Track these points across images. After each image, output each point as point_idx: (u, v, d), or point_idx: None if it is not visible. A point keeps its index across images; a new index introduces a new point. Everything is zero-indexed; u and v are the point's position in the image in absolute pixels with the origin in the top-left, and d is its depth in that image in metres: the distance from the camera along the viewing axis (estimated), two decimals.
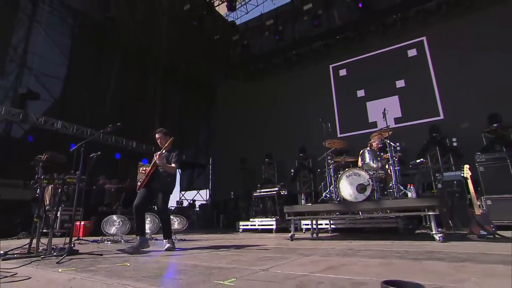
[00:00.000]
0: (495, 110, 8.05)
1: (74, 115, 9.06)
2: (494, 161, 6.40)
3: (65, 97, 9.20)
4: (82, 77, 9.64)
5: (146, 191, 3.94)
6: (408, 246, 3.44)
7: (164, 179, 3.95)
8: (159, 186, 3.92)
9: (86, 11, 9.90)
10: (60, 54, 9.22)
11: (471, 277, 1.73)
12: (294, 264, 2.40)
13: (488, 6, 8.97)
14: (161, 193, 3.93)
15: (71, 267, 2.49)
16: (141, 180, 4.03)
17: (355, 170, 4.66)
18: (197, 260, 2.73)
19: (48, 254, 3.21)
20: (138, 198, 3.91)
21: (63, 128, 8.54)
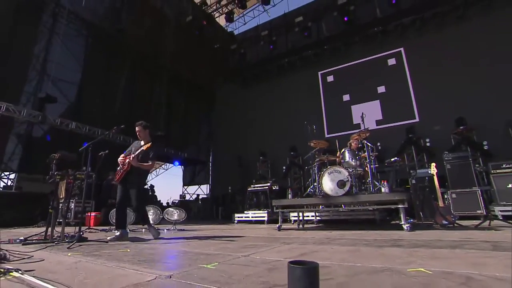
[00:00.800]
0: (462, 114, 8.19)
1: (87, 117, 9.13)
2: (459, 160, 6.55)
3: (79, 101, 9.26)
4: (94, 82, 9.70)
5: (124, 186, 3.81)
6: (379, 235, 3.55)
7: (135, 175, 3.79)
8: (132, 182, 3.77)
9: (99, 24, 9.95)
10: (75, 61, 9.28)
11: (417, 260, 1.85)
12: (274, 251, 2.50)
13: (457, 23, 9.10)
14: (135, 189, 3.77)
15: (79, 252, 2.59)
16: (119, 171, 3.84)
17: (336, 168, 4.76)
18: (189, 247, 2.83)
19: (61, 240, 3.31)
20: (118, 195, 3.80)
21: (77, 129, 8.60)
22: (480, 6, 8.83)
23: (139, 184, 3.90)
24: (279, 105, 12.24)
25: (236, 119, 13.43)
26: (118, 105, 10.56)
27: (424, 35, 9.56)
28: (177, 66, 12.42)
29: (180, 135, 12.95)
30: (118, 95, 10.62)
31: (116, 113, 10.35)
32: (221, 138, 14.07)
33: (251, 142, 12.45)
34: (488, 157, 7.49)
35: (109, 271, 1.75)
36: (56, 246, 3.05)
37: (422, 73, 9.36)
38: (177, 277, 1.54)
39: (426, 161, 8.45)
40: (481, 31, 8.65)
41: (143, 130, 4.00)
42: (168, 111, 12.25)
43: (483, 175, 6.65)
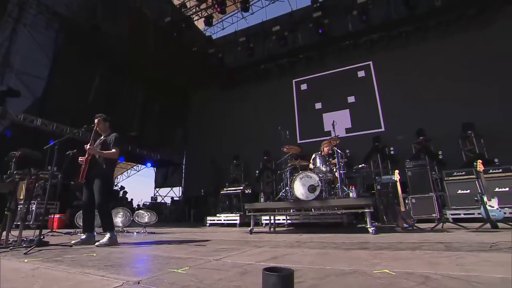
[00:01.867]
0: (422, 125, 8.78)
1: (54, 114, 8.54)
2: (418, 167, 6.96)
3: (47, 97, 8.62)
4: (64, 79, 9.08)
5: (89, 186, 3.47)
6: (346, 238, 3.66)
7: (99, 166, 3.48)
8: (94, 174, 3.43)
9: (72, 18, 9.37)
10: (43, 55, 8.66)
11: (382, 261, 1.92)
12: (245, 254, 2.48)
13: (419, 42, 9.79)
14: (98, 182, 3.41)
15: (37, 257, 2.38)
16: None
17: (307, 173, 4.85)
18: (159, 251, 2.72)
19: (17, 245, 3.03)
20: (84, 197, 3.48)
21: (43, 126, 8.00)
22: (439, 30, 9.55)
23: (103, 174, 3.52)
24: (254, 110, 12.31)
25: (211, 122, 13.31)
26: (89, 104, 10.00)
27: (390, 51, 10.15)
28: (154, 67, 12.05)
29: (154, 136, 12.53)
30: (91, 93, 10.07)
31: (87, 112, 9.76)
32: (195, 141, 13.81)
33: (226, 146, 12.38)
34: (442, 166, 8.08)
35: (71, 278, 1.62)
36: (11, 251, 2.79)
37: (388, 86, 9.91)
38: (145, 283, 1.46)
39: (390, 168, 8.90)
40: (438, 51, 9.37)
41: (102, 122, 3.77)
42: (143, 112, 11.81)
43: (438, 182, 7.11)
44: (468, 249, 2.34)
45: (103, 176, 3.53)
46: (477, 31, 8.93)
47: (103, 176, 3.53)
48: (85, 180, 3.50)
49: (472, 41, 8.92)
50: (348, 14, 10.50)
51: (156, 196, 14.23)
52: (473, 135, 8.03)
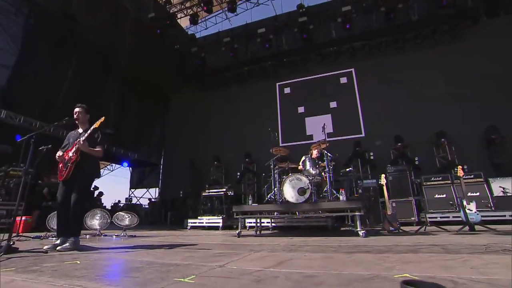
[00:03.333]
0: (400, 131, 9.15)
1: (22, 106, 7.78)
2: (398, 172, 7.24)
3: (12, 87, 7.83)
4: (33, 69, 8.32)
5: (67, 185, 3.14)
6: (339, 241, 3.62)
7: (85, 164, 3.17)
8: (81, 173, 3.13)
9: (44, 4, 8.64)
10: (10, 42, 7.86)
11: (394, 265, 1.87)
12: (247, 260, 2.33)
13: (397, 52, 10.24)
14: (82, 181, 3.14)
15: (9, 267, 2.05)
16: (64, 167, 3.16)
17: (297, 175, 4.80)
18: (151, 257, 2.48)
19: None
20: (60, 196, 3.12)
21: (7, 118, 7.24)
22: (415, 43, 10.05)
23: (88, 174, 3.25)
24: (235, 112, 12.16)
25: (191, 123, 12.95)
26: (61, 98, 9.26)
27: (371, 59, 10.51)
28: (133, 63, 11.48)
29: (131, 135, 11.91)
30: (63, 86, 9.33)
31: (59, 106, 9.05)
32: (174, 141, 13.34)
33: (205, 147, 12.09)
34: (418, 171, 8.45)
35: None
36: None
37: (369, 93, 10.23)
38: None
39: (369, 172, 9.16)
40: (414, 62, 9.85)
41: (84, 113, 3.50)
42: (120, 110, 11.18)
43: (415, 187, 7.40)
44: (467, 251, 2.38)
45: (88, 176, 3.26)
46: (448, 46, 9.51)
47: (88, 176, 3.26)
48: (66, 179, 3.16)
49: (444, 54, 9.48)
50: (332, 21, 10.73)
51: (131, 197, 13.53)
52: (445, 143, 8.50)
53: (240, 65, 12.01)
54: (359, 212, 4.13)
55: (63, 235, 3.10)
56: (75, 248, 2.93)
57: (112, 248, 3.20)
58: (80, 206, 3.15)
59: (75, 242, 2.99)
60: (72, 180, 3.15)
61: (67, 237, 3.07)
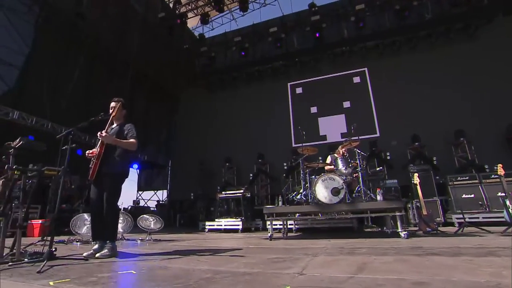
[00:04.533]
0: (416, 131, 9.00)
1: (33, 107, 7.56)
2: (423, 172, 7.07)
3: (22, 88, 7.63)
4: (43, 69, 8.13)
5: (98, 185, 2.90)
6: (386, 243, 3.43)
7: (113, 161, 2.90)
8: (106, 171, 2.85)
9: (54, 3, 8.46)
10: (20, 41, 7.66)
11: (499, 270, 1.69)
12: (316, 265, 2.14)
13: (413, 51, 10.10)
14: (112, 179, 2.87)
15: (61, 278, 1.85)
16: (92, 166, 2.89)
17: (330, 175, 4.62)
18: (206, 264, 2.28)
19: (17, 260, 2.41)
20: (94, 197, 2.89)
21: (20, 119, 7.01)
22: (427, 42, 9.92)
23: (118, 170, 2.94)
24: (246, 112, 11.97)
25: (200, 124, 12.74)
26: (68, 97, 9.05)
27: (385, 59, 10.37)
28: (141, 63, 11.31)
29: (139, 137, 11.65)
30: (72, 86, 9.13)
31: (65, 106, 8.84)
32: (183, 142, 13.12)
33: (215, 148, 11.88)
34: (437, 171, 8.28)
35: None
36: (13, 269, 2.18)
37: (383, 93, 10.07)
38: None
39: (386, 172, 8.99)
40: (428, 61, 9.71)
41: (120, 108, 3.21)
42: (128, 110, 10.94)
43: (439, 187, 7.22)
44: None
45: (118, 172, 2.95)
46: (463, 44, 9.39)
47: (118, 172, 2.95)
48: (95, 177, 2.91)
49: (459, 53, 9.34)
50: (344, 21, 10.61)
51: (139, 200, 13.28)
52: (465, 142, 8.35)
53: (251, 65, 11.84)
54: (399, 212, 3.96)
55: (99, 238, 2.87)
56: (113, 255, 2.71)
57: (152, 254, 2.99)
58: (110, 208, 2.87)
59: (112, 248, 2.76)
60: (101, 179, 2.88)
61: (103, 242, 2.85)
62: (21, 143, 2.80)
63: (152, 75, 12.08)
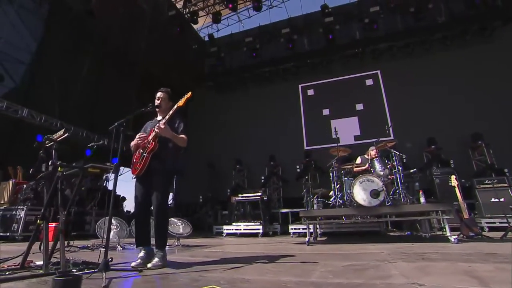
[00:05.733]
0: (431, 134, 8.90)
1: (40, 105, 7.20)
2: (445, 175, 6.92)
3: (31, 85, 7.28)
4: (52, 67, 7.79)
5: (145, 184, 2.55)
6: (442, 248, 3.22)
7: (165, 157, 2.58)
8: (157, 167, 2.53)
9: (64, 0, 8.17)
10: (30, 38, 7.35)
11: None
12: (413, 273, 1.90)
13: (427, 54, 10.04)
14: (161, 177, 2.54)
15: None
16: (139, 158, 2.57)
17: (368, 176, 4.41)
18: (284, 274, 2.02)
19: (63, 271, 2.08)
20: (139, 197, 2.56)
21: (29, 117, 6.64)
22: (442, 44, 9.90)
23: (170, 167, 2.62)
24: (255, 114, 11.75)
25: (209, 125, 12.45)
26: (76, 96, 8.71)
27: (398, 61, 10.30)
28: (149, 63, 11.02)
29: None
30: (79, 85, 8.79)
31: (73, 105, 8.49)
32: (191, 144, 12.61)
33: (224, 149, 11.61)
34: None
35: None
36: None
37: (396, 95, 9.98)
38: None
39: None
40: (443, 63, 9.66)
41: (167, 99, 2.87)
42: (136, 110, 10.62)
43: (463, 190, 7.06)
44: None
45: (170, 169, 2.63)
46: (479, 46, 9.36)
47: (170, 169, 2.63)
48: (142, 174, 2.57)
49: (475, 55, 9.30)
50: (356, 22, 10.53)
51: None
52: (483, 145, 8.26)
53: (261, 65, 11.65)
54: (447, 215, 3.76)
55: (144, 244, 2.55)
56: (165, 264, 2.38)
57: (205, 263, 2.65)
58: (162, 209, 2.55)
59: (163, 257, 2.43)
60: (150, 176, 2.55)
61: (149, 249, 2.54)
62: (66, 135, 2.48)
63: (160, 75, 11.77)
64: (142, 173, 2.56)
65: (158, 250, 2.45)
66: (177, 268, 2.26)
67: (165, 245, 2.53)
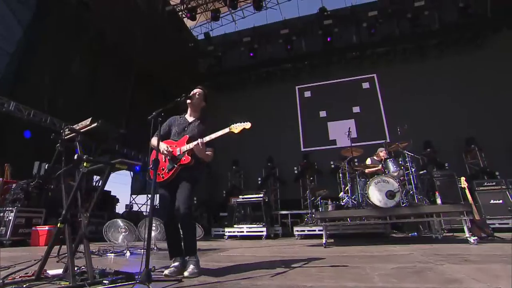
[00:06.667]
0: (426, 138, 9.08)
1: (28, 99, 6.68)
2: (447, 177, 7.04)
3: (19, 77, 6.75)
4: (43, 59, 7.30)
5: (171, 189, 2.39)
6: (463, 249, 3.18)
7: (197, 169, 2.47)
8: (188, 176, 2.39)
9: None
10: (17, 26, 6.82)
11: None
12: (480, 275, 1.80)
13: (423, 59, 10.29)
14: (188, 183, 2.37)
15: None
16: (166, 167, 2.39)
17: (383, 177, 4.36)
18: (338, 280, 1.87)
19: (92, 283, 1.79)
20: (166, 204, 2.39)
21: (16, 111, 6.14)
22: (437, 50, 10.18)
23: (197, 175, 2.49)
24: (252, 115, 11.22)
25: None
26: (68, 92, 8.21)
27: (395, 65, 10.48)
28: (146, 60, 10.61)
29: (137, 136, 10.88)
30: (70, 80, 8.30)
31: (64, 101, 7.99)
32: None
33: (220, 150, 11.12)
34: None
35: None
36: None
37: (392, 99, 10.13)
38: None
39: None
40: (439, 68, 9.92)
41: (202, 98, 2.70)
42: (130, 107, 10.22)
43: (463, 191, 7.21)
44: None
45: (196, 177, 2.46)
46: (473, 53, 9.66)
47: (196, 177, 2.46)
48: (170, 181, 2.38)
49: (468, 62, 9.59)
50: (354, 26, 10.64)
51: (132, 204, 12.33)
52: (476, 149, 8.51)
53: (259, 66, 11.53)
54: (466, 216, 3.76)
55: (180, 255, 2.32)
56: (201, 272, 2.17)
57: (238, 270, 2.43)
58: (190, 216, 2.33)
59: (198, 263, 2.23)
60: (176, 184, 2.38)
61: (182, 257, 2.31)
62: (95, 125, 2.18)
63: (156, 74, 11.39)
64: (168, 181, 2.38)
65: (191, 256, 2.25)
66: (215, 276, 2.05)
67: (196, 250, 2.31)
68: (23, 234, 4.69)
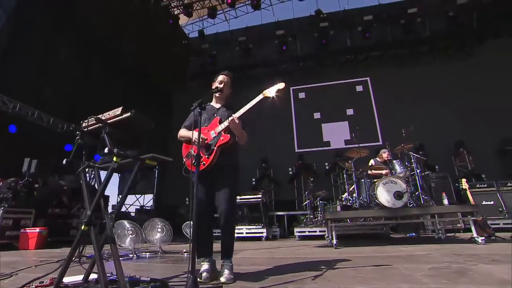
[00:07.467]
0: (418, 140, 9.33)
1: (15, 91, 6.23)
2: (441, 179, 7.27)
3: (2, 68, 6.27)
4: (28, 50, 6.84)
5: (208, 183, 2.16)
6: (475, 249, 3.23)
7: (232, 151, 2.27)
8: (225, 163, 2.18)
9: None
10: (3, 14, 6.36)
11: None
12: None
13: (415, 64, 10.58)
14: (231, 174, 2.20)
15: None
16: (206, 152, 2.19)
17: (391, 178, 4.39)
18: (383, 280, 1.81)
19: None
20: (202, 198, 2.12)
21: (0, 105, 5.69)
22: (429, 56, 10.53)
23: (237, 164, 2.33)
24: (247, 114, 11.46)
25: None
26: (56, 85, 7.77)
27: (387, 69, 10.71)
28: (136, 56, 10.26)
29: None
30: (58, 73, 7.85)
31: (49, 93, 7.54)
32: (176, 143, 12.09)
33: None
34: None
35: None
36: None
37: (385, 102, 10.35)
38: None
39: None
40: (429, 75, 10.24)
41: (229, 84, 2.55)
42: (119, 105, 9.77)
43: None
44: None
45: (237, 165, 2.31)
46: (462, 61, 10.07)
47: (237, 165, 2.31)
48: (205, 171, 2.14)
49: (457, 68, 9.97)
50: (348, 30, 10.79)
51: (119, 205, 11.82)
52: (464, 153, 8.84)
53: (253, 66, 11.45)
54: (474, 217, 3.84)
55: (208, 255, 2.14)
56: (235, 277, 1.98)
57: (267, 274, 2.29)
58: (232, 212, 2.17)
59: (232, 268, 2.05)
60: (214, 174, 2.18)
61: (211, 259, 2.14)
62: (128, 114, 1.96)
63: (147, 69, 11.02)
64: (208, 168, 2.15)
65: (226, 260, 2.07)
66: (251, 281, 1.93)
67: (232, 252, 2.16)
68: (10, 237, 4.32)
